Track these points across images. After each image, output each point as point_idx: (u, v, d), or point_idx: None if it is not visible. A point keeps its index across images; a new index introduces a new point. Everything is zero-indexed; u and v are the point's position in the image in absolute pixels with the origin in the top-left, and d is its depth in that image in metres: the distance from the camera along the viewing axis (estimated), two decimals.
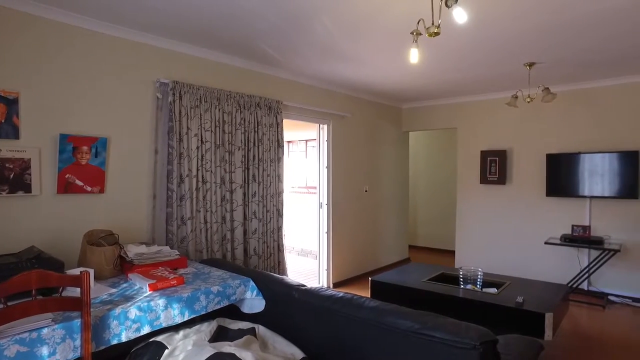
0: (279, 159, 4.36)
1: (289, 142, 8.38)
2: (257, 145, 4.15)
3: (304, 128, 7.15)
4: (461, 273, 3.75)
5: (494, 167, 5.68)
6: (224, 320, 2.59)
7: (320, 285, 5.36)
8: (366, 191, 5.89)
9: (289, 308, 2.50)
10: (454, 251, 6.29)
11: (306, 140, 7.97)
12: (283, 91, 4.56)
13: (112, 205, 3.18)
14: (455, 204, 6.24)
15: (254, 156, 4.12)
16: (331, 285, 5.34)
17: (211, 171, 3.73)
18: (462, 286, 3.72)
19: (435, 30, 2.07)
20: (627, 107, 4.81)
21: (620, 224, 4.86)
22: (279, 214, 4.37)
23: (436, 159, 7.84)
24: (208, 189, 3.71)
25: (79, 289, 1.81)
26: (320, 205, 5.33)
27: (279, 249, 4.38)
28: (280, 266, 4.39)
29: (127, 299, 2.17)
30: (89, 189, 3.00)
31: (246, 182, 4.09)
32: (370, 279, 4.01)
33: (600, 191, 4.87)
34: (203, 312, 2.40)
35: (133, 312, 2.05)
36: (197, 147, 3.61)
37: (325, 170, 5.28)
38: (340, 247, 5.46)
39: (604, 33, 3.31)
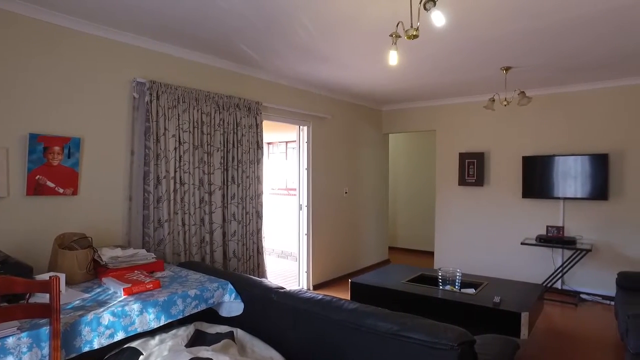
0: (258, 161, 4.33)
1: (269, 143, 8.33)
2: (237, 147, 4.11)
3: (284, 129, 7.12)
4: (440, 274, 3.79)
5: (472, 169, 5.77)
6: (202, 324, 2.54)
7: (300, 287, 5.34)
8: (346, 193, 5.90)
9: (267, 311, 2.47)
10: (434, 252, 6.36)
11: (286, 142, 7.94)
12: (263, 92, 4.53)
13: (86, 208, 3.09)
14: (435, 205, 6.31)
15: (233, 157, 4.08)
16: (311, 288, 5.32)
17: (189, 173, 3.67)
18: (441, 287, 3.75)
19: (414, 33, 2.09)
20: (598, 112, 4.96)
21: (591, 224, 5.00)
22: (259, 216, 4.33)
23: (416, 161, 7.93)
24: (186, 191, 3.65)
25: (48, 295, 1.74)
26: (300, 207, 5.31)
27: (259, 251, 4.34)
28: (259, 268, 4.35)
29: (101, 304, 2.10)
30: (61, 190, 2.90)
31: (225, 183, 4.04)
32: (350, 280, 4.01)
33: (573, 193, 5.00)
34: (180, 317, 2.35)
35: (106, 318, 1.99)
36: (175, 148, 3.55)
37: (305, 172, 5.27)
38: (320, 249, 5.45)
39: (577, 41, 3.40)
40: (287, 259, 7.27)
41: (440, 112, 6.15)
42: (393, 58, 2.39)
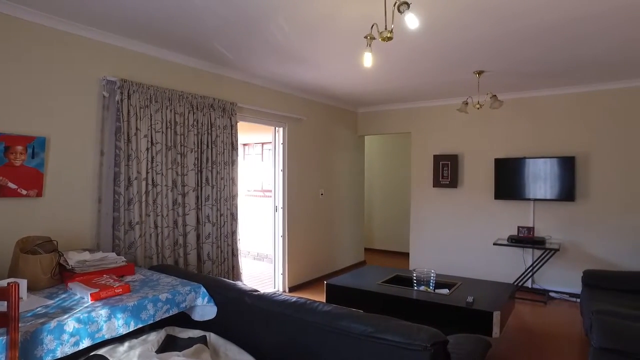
0: (233, 162, 4.27)
1: (244, 144, 8.25)
2: (211, 148, 4.04)
3: (259, 131, 7.07)
4: (415, 275, 3.82)
5: (447, 170, 5.86)
6: (174, 329, 2.48)
7: (276, 290, 5.30)
8: (322, 194, 5.90)
9: (241, 314, 2.43)
10: (409, 253, 6.42)
11: (262, 143, 7.87)
12: (238, 93, 4.48)
13: (52, 210, 2.97)
14: (410, 207, 6.38)
15: (207, 159, 4.01)
16: (287, 290, 5.29)
17: (162, 174, 3.59)
18: (415, 288, 3.79)
19: (388, 35, 2.10)
20: (563, 116, 5.12)
21: (559, 224, 5.16)
22: (233, 218, 4.27)
23: (392, 163, 8.00)
24: (159, 192, 3.57)
25: (6, 303, 1.66)
26: (276, 209, 5.27)
27: (233, 253, 4.28)
28: (234, 271, 4.30)
29: (65, 310, 2.02)
30: (24, 192, 2.79)
31: (199, 185, 3.97)
32: (325, 282, 4.01)
33: (543, 194, 5.15)
34: (151, 322, 2.28)
35: (71, 325, 1.91)
36: (147, 149, 3.46)
37: (281, 173, 5.24)
38: (295, 251, 5.42)
39: (540, 47, 3.52)
40: (262, 261, 7.21)
41: (415, 114, 6.23)
42: (368, 60, 2.40)
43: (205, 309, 2.60)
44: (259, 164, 7.96)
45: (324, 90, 5.34)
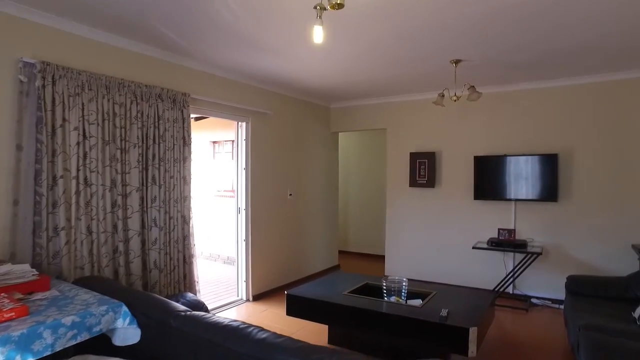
0: (184, 159, 3.85)
1: (214, 142, 7.80)
2: (158, 143, 3.61)
3: (230, 128, 6.62)
4: (384, 284, 3.45)
5: (423, 169, 5.53)
6: (87, 358, 2.05)
7: (239, 298, 4.88)
8: (290, 195, 5.50)
9: (166, 339, 2.02)
10: (385, 258, 6.06)
11: (232, 141, 7.43)
12: (192, 83, 4.05)
13: None
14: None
15: (154, 155, 3.58)
16: (251, 298, 4.87)
17: (97, 172, 3.14)
18: (385, 298, 3.42)
19: (338, 2, 1.72)
20: (546, 111, 4.83)
21: (541, 227, 4.86)
22: (185, 221, 3.84)
23: (368, 161, 7.63)
24: (94, 193, 3.12)
25: None
26: (239, 211, 4.85)
27: (185, 260, 3.86)
28: (187, 280, 3.87)
29: None
30: None
31: (144, 184, 3.53)
32: (286, 292, 3.61)
33: (524, 194, 4.85)
34: (49, 352, 1.85)
35: None
36: (78, 143, 3.02)
37: (243, 172, 4.82)
38: (261, 256, 5.01)
39: (524, 33, 3.18)
40: (233, 265, 6.75)
41: (390, 109, 5.87)
42: (318, 34, 2.02)
43: (127, 331, 2.17)
44: (230, 162, 7.52)
45: (292, 82, 4.94)
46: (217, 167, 7.69)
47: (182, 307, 2.16)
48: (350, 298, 3.40)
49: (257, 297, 4.91)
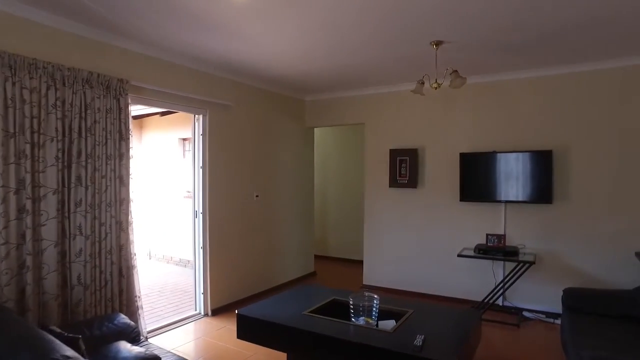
0: (121, 156, 3.29)
1: (184, 139, 7.22)
2: (85, 137, 3.04)
3: None
4: (351, 302, 2.91)
5: (404, 168, 5.01)
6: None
7: (197, 312, 4.32)
8: (257, 196, 4.94)
9: None
10: (363, 265, 5.53)
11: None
12: (131, 67, 3.49)
13: None
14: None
15: (79, 151, 3.01)
16: (209, 313, 4.32)
17: None
18: (353, 319, 2.88)
19: None
20: (540, 102, 4.33)
21: (534, 231, 4.37)
22: (121, 228, 3.28)
23: (348, 159, 7.07)
24: None
25: None
26: (195, 214, 4.30)
27: (122, 273, 3.29)
28: (123, 296, 3.31)
29: None
30: None
31: (66, 185, 2.96)
32: (237, 312, 3.06)
33: (516, 195, 4.35)
34: None
35: None
36: None
37: (200, 171, 4.26)
38: (222, 265, 4.45)
39: (516, 7, 2.65)
40: None
41: (368, 102, 5.34)
42: None
43: None
44: None
45: (258, 71, 4.39)
46: (187, 167, 7.12)
47: (65, 354, 1.60)
48: (310, 320, 2.85)
49: (217, 312, 4.36)
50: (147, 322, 4.19)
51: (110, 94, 3.21)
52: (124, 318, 2.83)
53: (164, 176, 7.08)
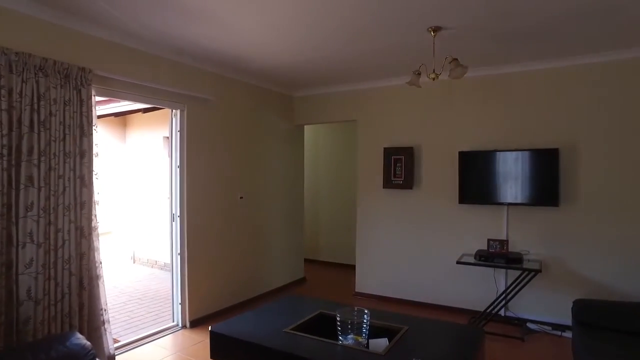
0: (83, 153, 2.94)
1: (167, 138, 6.88)
2: (39, 131, 2.69)
3: None
4: (339, 319, 2.57)
5: (400, 167, 4.67)
6: None
7: (174, 324, 3.96)
8: (241, 198, 4.59)
9: None
10: (356, 271, 5.19)
11: None
12: (96, 55, 3.14)
13: None
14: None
15: (31, 147, 2.66)
16: (187, 324, 3.97)
17: None
18: (340, 338, 2.54)
19: None
20: (546, 97, 4.01)
21: (539, 236, 4.04)
22: (83, 234, 2.93)
23: (341, 159, 6.72)
24: None
25: None
26: (173, 218, 3.95)
27: (82, 285, 2.94)
28: (84, 310, 2.95)
29: None
30: None
31: (14, 186, 2.60)
32: (210, 328, 2.72)
33: (519, 197, 4.03)
34: None
35: None
36: None
37: (178, 170, 3.91)
38: (202, 272, 4.10)
39: None
40: None
41: (361, 98, 5.01)
42: None
43: None
44: None
45: (242, 62, 4.05)
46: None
47: None
48: (292, 339, 2.52)
49: (196, 323, 4.01)
50: (122, 334, 3.87)
51: (70, 84, 2.86)
52: (78, 338, 2.47)
53: (148, 176, 6.72)
